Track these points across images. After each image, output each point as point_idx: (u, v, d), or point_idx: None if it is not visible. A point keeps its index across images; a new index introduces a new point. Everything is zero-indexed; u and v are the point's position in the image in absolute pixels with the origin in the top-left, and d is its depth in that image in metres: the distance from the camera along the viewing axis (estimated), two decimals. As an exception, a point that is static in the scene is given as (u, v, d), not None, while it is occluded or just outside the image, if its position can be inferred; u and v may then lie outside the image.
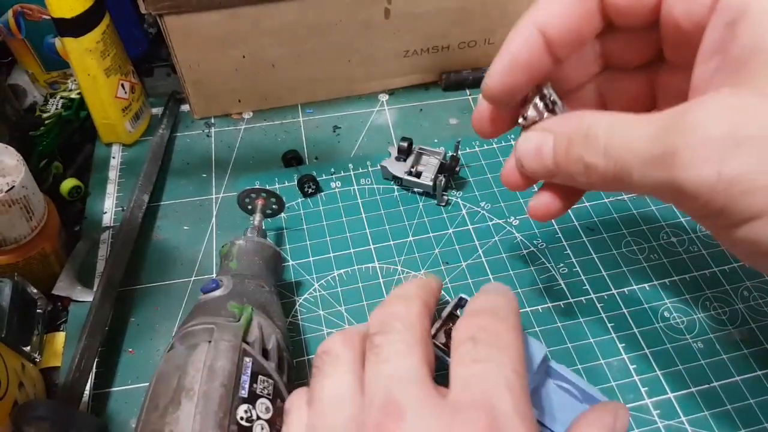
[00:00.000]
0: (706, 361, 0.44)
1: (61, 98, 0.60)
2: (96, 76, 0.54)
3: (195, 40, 0.55)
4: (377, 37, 0.59)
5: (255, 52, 0.57)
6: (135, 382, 0.44)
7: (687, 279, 0.48)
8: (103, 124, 0.58)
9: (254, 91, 0.61)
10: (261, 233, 0.47)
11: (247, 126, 0.61)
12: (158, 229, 0.53)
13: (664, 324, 0.45)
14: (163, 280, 0.49)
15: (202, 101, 0.61)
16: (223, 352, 0.34)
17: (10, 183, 0.42)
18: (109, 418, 0.42)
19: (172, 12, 0.52)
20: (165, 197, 0.55)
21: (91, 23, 0.51)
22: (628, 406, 0.42)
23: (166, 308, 0.47)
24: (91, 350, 0.43)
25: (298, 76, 0.60)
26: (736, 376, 0.43)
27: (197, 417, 0.31)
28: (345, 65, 0.60)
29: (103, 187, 0.56)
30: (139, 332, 0.46)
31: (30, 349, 0.44)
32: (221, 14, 0.54)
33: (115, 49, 0.54)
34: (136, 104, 0.58)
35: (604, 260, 0.49)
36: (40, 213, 0.46)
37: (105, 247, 0.51)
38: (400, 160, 0.54)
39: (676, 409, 0.41)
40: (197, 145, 0.60)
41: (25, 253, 0.46)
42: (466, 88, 0.64)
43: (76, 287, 0.48)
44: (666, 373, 0.43)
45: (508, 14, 0.60)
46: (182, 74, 0.58)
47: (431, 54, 0.62)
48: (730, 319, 0.46)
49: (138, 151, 0.59)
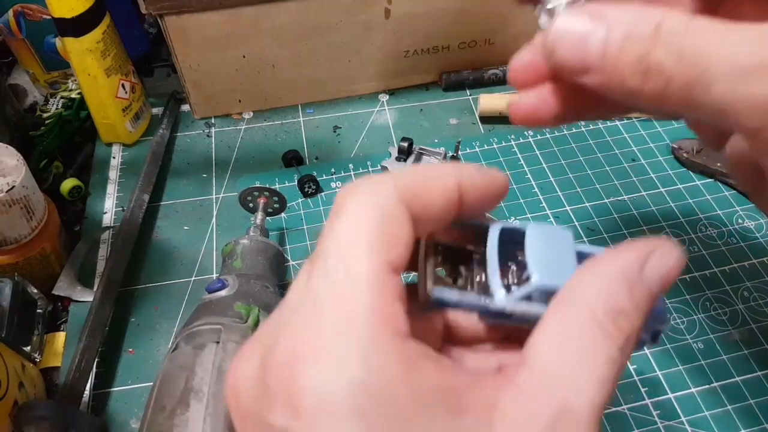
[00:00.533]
0: (707, 361, 0.44)
1: (61, 98, 0.60)
2: (96, 76, 0.54)
3: (195, 41, 0.55)
4: (377, 38, 0.59)
5: (255, 53, 0.57)
6: (135, 382, 0.44)
7: (687, 279, 0.48)
8: (103, 124, 0.58)
9: (254, 91, 0.61)
10: (263, 232, 0.47)
11: (247, 126, 0.61)
12: (158, 229, 0.53)
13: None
14: (164, 280, 0.49)
15: (203, 101, 0.61)
16: (232, 353, 0.34)
17: (11, 183, 0.42)
18: (110, 418, 0.42)
19: (173, 12, 0.52)
20: (165, 197, 0.55)
21: (92, 23, 0.51)
22: (627, 407, 0.42)
23: (167, 308, 0.47)
24: (92, 350, 0.43)
25: (299, 76, 0.60)
26: (737, 377, 0.43)
27: (207, 419, 0.31)
28: (345, 65, 0.60)
29: (104, 187, 0.56)
30: (140, 332, 0.46)
31: (30, 349, 0.44)
32: (222, 14, 0.54)
33: (115, 49, 0.54)
34: (137, 104, 0.58)
35: (604, 260, 0.49)
36: (41, 213, 0.46)
37: (105, 247, 0.51)
38: (400, 160, 0.54)
39: (676, 410, 0.41)
40: (197, 145, 0.60)
41: (26, 253, 0.46)
42: (467, 89, 0.64)
43: (76, 287, 0.48)
44: (666, 373, 0.43)
45: (508, 15, 0.60)
46: (182, 74, 0.58)
47: (431, 54, 0.62)
48: (730, 319, 0.46)
49: (138, 151, 0.59)
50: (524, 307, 0.23)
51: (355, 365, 0.19)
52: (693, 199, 0.53)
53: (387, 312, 0.20)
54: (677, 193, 0.54)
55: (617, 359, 0.21)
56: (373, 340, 0.20)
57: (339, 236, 0.22)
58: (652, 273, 0.22)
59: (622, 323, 0.21)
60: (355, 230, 0.22)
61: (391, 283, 0.21)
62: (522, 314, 0.23)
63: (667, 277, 0.22)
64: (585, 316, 0.21)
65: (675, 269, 0.23)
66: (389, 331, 0.20)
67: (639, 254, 0.22)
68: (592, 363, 0.21)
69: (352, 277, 0.21)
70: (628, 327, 0.21)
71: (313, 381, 0.19)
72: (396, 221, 0.22)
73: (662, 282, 0.22)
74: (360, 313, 0.20)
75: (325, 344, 0.20)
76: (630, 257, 0.22)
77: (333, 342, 0.20)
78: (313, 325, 0.20)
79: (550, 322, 0.22)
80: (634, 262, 0.22)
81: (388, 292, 0.21)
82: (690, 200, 0.53)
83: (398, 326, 0.20)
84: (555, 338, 0.21)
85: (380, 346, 0.20)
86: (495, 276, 0.24)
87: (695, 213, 0.52)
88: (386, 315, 0.20)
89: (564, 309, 0.22)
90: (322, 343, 0.20)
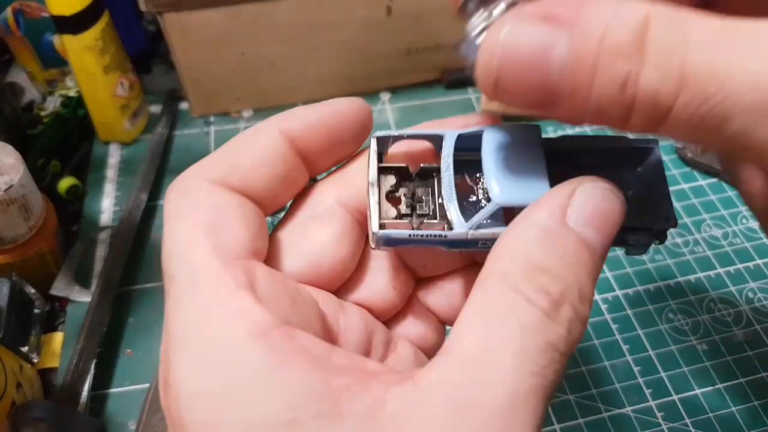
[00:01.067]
0: (711, 362, 0.43)
1: (59, 96, 0.60)
2: (95, 74, 0.53)
3: (194, 38, 0.55)
4: (379, 35, 0.58)
5: (254, 50, 0.57)
6: (134, 383, 0.43)
7: (692, 280, 0.48)
8: (101, 123, 0.57)
9: (254, 89, 0.60)
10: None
11: (246, 124, 0.61)
12: (157, 229, 0.52)
13: (669, 325, 0.45)
14: (162, 281, 0.49)
15: (201, 99, 0.60)
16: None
17: (8, 182, 0.42)
18: (108, 419, 0.42)
19: (172, 9, 0.52)
20: (163, 196, 0.54)
21: (90, 21, 0.51)
22: (630, 409, 0.41)
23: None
24: (90, 351, 0.43)
25: (298, 74, 0.60)
26: (741, 378, 0.42)
27: None
28: (346, 63, 0.60)
29: (101, 186, 0.55)
30: (138, 333, 0.46)
31: (27, 350, 0.44)
32: (220, 12, 0.53)
33: (114, 47, 0.54)
34: (135, 102, 0.58)
35: (607, 262, 0.49)
36: (38, 212, 0.46)
37: (103, 247, 0.51)
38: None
39: (680, 412, 0.41)
40: (196, 144, 0.59)
41: (23, 253, 0.45)
42: (469, 87, 0.63)
43: (73, 287, 0.47)
44: (670, 374, 0.43)
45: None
46: (181, 72, 0.57)
47: (433, 52, 0.61)
48: (734, 320, 0.45)
49: (136, 150, 0.58)
50: (487, 231, 0.20)
51: (206, 380, 0.17)
52: (697, 199, 0.53)
53: (234, 308, 0.18)
54: (681, 193, 0.53)
55: (544, 327, 0.17)
56: (220, 346, 0.18)
57: (169, 242, 0.20)
58: (578, 216, 0.18)
59: (546, 284, 0.17)
60: (178, 231, 0.20)
61: (233, 273, 0.19)
62: (488, 239, 0.20)
63: (599, 215, 0.18)
64: (500, 285, 0.18)
65: (606, 202, 0.19)
66: (241, 331, 0.18)
67: (556, 200, 0.19)
68: (510, 339, 0.17)
69: (190, 283, 0.19)
70: (555, 286, 0.17)
71: (181, 406, 0.18)
72: (222, 202, 0.20)
73: (595, 222, 0.18)
74: (203, 321, 0.18)
75: (183, 367, 0.18)
76: (547, 206, 0.19)
77: (187, 360, 0.18)
78: (172, 348, 0.18)
79: (471, 301, 0.18)
80: (553, 209, 0.18)
81: (229, 286, 0.18)
82: (694, 200, 0.53)
83: (253, 321, 0.18)
84: (474, 319, 0.18)
85: (228, 352, 0.17)
86: (452, 200, 0.21)
87: (699, 213, 0.52)
88: (233, 312, 0.18)
89: (481, 284, 0.18)
90: (180, 365, 0.18)
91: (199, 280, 0.19)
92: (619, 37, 0.16)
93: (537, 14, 0.17)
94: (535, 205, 0.19)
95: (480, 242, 0.21)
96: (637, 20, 0.16)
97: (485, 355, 0.17)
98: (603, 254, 0.19)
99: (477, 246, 0.21)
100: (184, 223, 0.20)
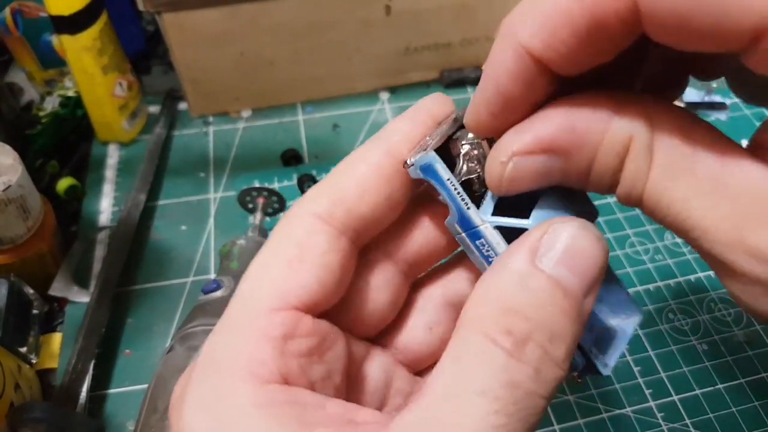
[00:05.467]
0: (711, 363, 0.43)
1: (58, 96, 0.59)
2: (93, 74, 0.53)
3: (193, 38, 0.55)
4: (378, 35, 0.58)
5: (253, 50, 0.57)
6: (132, 384, 0.43)
7: (692, 280, 0.47)
8: (99, 123, 0.57)
9: (253, 89, 0.60)
10: (262, 233, 0.46)
11: (245, 124, 0.61)
12: (155, 229, 0.52)
13: (669, 325, 0.45)
14: (161, 281, 0.49)
15: (200, 99, 0.60)
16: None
17: (7, 182, 0.42)
18: (106, 420, 0.41)
19: (170, 9, 0.52)
20: (162, 197, 0.55)
21: (89, 21, 0.51)
22: (631, 409, 0.41)
23: (164, 309, 0.47)
24: (88, 352, 0.43)
25: (297, 74, 0.60)
26: (741, 378, 0.42)
27: None
28: (345, 63, 0.60)
29: (100, 186, 0.55)
30: (137, 333, 0.46)
31: (26, 351, 0.44)
32: (219, 11, 0.53)
33: (112, 47, 0.54)
34: (134, 102, 0.58)
35: (607, 261, 0.49)
36: (37, 213, 0.46)
37: (102, 248, 0.51)
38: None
39: (680, 412, 0.41)
40: (195, 144, 0.59)
41: (22, 254, 0.45)
42: (468, 86, 0.63)
43: (72, 288, 0.47)
44: (670, 375, 0.43)
45: (510, 10, 0.60)
46: (180, 72, 0.57)
47: (432, 51, 0.61)
48: (734, 320, 0.45)
49: (135, 150, 0.58)
50: (494, 238, 0.21)
51: (203, 417, 0.19)
52: (696, 199, 0.53)
53: (251, 357, 0.19)
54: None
55: (509, 366, 0.17)
56: (227, 389, 0.19)
57: (245, 280, 0.22)
58: (548, 257, 0.18)
59: (511, 324, 0.18)
60: (256, 272, 0.21)
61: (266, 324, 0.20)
62: (487, 245, 0.21)
63: (572, 254, 0.18)
64: (472, 329, 0.18)
65: (579, 240, 0.19)
66: (244, 378, 0.19)
67: (527, 243, 0.19)
68: (474, 380, 0.17)
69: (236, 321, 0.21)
70: (521, 326, 0.18)
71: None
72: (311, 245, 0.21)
73: (568, 262, 0.18)
74: (225, 359, 0.20)
75: (194, 396, 0.20)
76: (519, 248, 0.19)
77: (198, 393, 0.20)
78: (190, 383, 0.20)
79: (447, 347, 0.19)
80: (523, 252, 0.19)
81: (259, 336, 0.20)
82: (693, 199, 0.53)
83: (261, 372, 0.19)
84: (446, 363, 0.18)
85: (231, 397, 0.19)
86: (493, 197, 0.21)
87: (699, 212, 0.52)
88: (246, 361, 0.19)
89: (457, 330, 0.19)
90: (191, 394, 0.20)
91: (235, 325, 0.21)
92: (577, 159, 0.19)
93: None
94: (510, 248, 0.19)
95: (479, 244, 0.21)
96: (595, 138, 0.19)
97: (452, 397, 0.17)
98: (584, 292, 0.19)
99: (473, 244, 0.21)
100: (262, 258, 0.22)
